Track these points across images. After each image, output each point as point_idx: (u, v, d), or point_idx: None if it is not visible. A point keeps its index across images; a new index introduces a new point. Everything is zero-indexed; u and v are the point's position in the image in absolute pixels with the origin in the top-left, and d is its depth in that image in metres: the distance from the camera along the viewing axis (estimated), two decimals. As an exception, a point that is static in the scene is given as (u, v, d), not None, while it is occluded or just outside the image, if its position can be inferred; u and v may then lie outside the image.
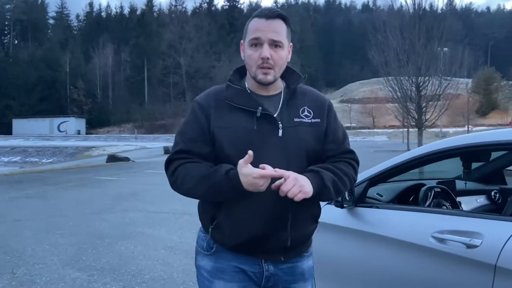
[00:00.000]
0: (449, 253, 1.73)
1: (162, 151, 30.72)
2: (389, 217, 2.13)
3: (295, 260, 1.50)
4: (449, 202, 2.43)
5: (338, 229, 2.30)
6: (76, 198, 8.99)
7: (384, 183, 2.53)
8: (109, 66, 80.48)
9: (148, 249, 4.98)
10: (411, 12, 13.48)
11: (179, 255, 4.76)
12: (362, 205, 2.27)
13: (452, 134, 47.28)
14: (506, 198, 2.87)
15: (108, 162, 20.98)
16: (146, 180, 12.43)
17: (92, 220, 6.68)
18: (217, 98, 1.44)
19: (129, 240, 5.39)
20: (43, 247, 5.10)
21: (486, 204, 2.82)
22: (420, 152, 2.17)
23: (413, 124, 13.85)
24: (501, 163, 2.93)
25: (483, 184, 2.96)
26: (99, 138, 58.36)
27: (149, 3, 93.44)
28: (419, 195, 2.34)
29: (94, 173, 15.01)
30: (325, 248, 2.26)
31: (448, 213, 2.00)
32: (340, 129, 1.55)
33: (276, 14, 1.40)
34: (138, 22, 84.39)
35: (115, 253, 4.82)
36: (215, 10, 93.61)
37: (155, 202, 8.31)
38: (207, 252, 1.49)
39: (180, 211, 7.27)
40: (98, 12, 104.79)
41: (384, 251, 2.05)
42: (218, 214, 1.42)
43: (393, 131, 48.26)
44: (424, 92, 13.14)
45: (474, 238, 1.65)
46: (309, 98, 1.51)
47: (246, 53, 1.43)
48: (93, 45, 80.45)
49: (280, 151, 1.38)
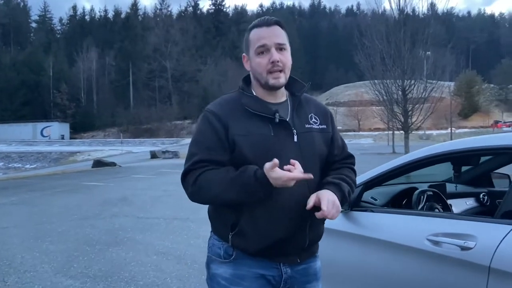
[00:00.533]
0: (444, 255, 1.78)
1: (149, 156, 30.52)
2: (384, 220, 2.19)
3: (308, 261, 1.56)
4: (440, 204, 2.51)
5: (334, 233, 2.34)
6: (64, 204, 8.88)
7: (378, 187, 2.59)
8: (93, 70, 79.65)
9: (140, 255, 4.96)
10: (396, 17, 13.71)
11: (172, 260, 4.75)
12: (358, 209, 2.32)
13: (435, 137, 48.03)
14: (494, 200, 2.96)
15: (94, 167, 20.74)
16: (134, 185, 12.34)
17: (81, 226, 6.61)
18: (232, 107, 1.48)
19: (120, 246, 5.36)
20: (33, 254, 5.04)
21: (475, 206, 2.90)
22: (413, 157, 2.24)
23: (399, 127, 14.03)
24: (489, 166, 3.02)
25: (472, 186, 3.05)
26: (83, 143, 57.64)
27: (134, 7, 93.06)
28: (413, 199, 2.40)
29: (80, 178, 14.83)
30: (322, 252, 2.30)
31: (442, 216, 2.07)
32: (339, 135, 1.66)
33: (274, 21, 1.48)
34: (122, 26, 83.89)
35: (107, 260, 4.79)
36: (200, 14, 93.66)
37: (145, 207, 8.26)
38: (225, 259, 1.50)
39: (170, 216, 7.26)
40: (81, 15, 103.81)
41: (380, 254, 2.10)
42: (239, 220, 1.44)
43: (378, 134, 48.83)
44: (410, 95, 13.36)
45: (468, 240, 1.71)
46: (313, 106, 1.59)
47: (253, 62, 1.48)
48: (77, 49, 79.61)
49: (296, 156, 1.43)
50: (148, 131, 68.16)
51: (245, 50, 1.53)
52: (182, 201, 8.88)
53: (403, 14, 13.75)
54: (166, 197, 9.49)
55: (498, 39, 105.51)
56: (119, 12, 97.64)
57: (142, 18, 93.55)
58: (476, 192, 2.99)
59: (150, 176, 15.12)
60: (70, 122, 71.43)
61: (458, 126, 53.62)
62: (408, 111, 13.39)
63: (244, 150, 1.41)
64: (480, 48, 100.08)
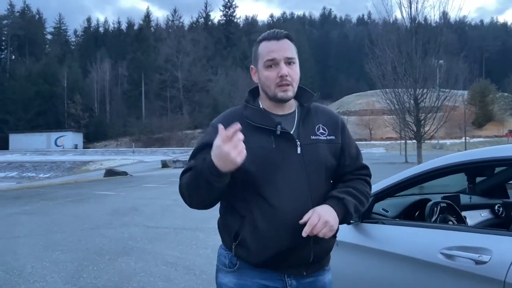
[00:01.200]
0: (458, 269, 1.72)
1: (160, 165, 30.73)
2: (396, 233, 2.13)
3: (316, 274, 1.52)
4: (454, 216, 2.43)
5: (343, 246, 2.29)
6: (75, 214, 8.93)
7: (389, 198, 2.53)
8: (106, 81, 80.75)
9: (149, 265, 4.93)
10: (407, 26, 13.64)
11: (180, 271, 4.72)
12: (368, 221, 2.27)
13: (449, 146, 47.45)
14: (509, 212, 2.88)
15: (106, 177, 20.94)
16: (145, 194, 12.38)
17: (92, 236, 6.63)
18: (235, 119, 1.45)
19: (129, 256, 5.34)
20: (43, 264, 5.05)
21: (490, 218, 2.82)
22: (426, 168, 2.18)
23: (412, 136, 13.87)
24: (504, 177, 2.94)
25: (486, 198, 2.97)
26: (96, 152, 58.27)
27: (147, 19, 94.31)
28: (425, 211, 2.34)
29: (92, 188, 14.95)
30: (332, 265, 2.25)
31: (456, 229, 2.00)
32: (354, 145, 1.61)
33: (284, 35, 1.47)
34: (135, 37, 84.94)
35: (116, 270, 4.78)
36: (211, 25, 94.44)
37: (154, 217, 8.27)
38: (229, 269, 1.50)
39: (179, 226, 7.24)
40: (95, 27, 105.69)
41: (391, 268, 2.04)
42: (242, 230, 1.43)
43: (390, 143, 48.38)
44: (422, 104, 13.23)
45: (483, 254, 1.65)
46: (323, 116, 1.56)
47: (261, 75, 1.48)
48: (91, 60, 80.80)
49: (299, 168, 1.43)
50: (159, 141, 68.58)
51: (253, 62, 1.53)
52: (191, 211, 8.76)
53: (415, 22, 13.67)
54: (175, 207, 9.49)
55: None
56: (132, 24, 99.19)
57: (154, 29, 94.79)
58: (491, 203, 2.90)
59: (160, 185, 15.18)
60: (83, 132, 72.37)
61: (472, 136, 52.89)
62: (421, 120, 13.22)
63: (244, 163, 1.37)
64: (493, 57, 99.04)
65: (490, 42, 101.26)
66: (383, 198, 2.36)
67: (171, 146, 63.03)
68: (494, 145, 2.24)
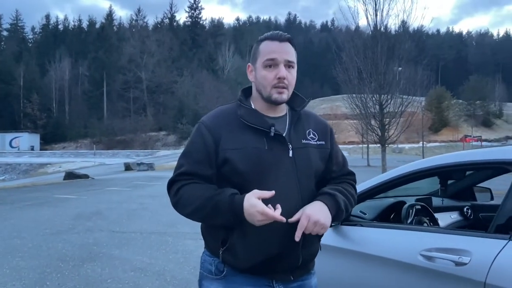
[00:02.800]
0: (438, 270, 1.77)
1: (123, 167, 29.96)
2: (376, 235, 2.17)
3: (303, 278, 1.52)
4: (428, 218, 2.51)
5: (325, 248, 2.30)
6: (34, 218, 8.53)
7: (366, 201, 2.57)
8: (66, 80, 77.98)
9: (116, 271, 4.78)
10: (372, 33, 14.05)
11: (150, 276, 4.60)
12: (347, 223, 2.30)
13: (407, 150, 49.11)
14: (477, 214, 3.00)
15: (66, 180, 20.17)
16: (109, 198, 12.02)
17: (54, 241, 6.35)
18: (227, 118, 1.46)
19: (95, 262, 5.16)
20: (3, 271, 4.78)
21: (460, 219, 2.93)
22: (404, 171, 2.24)
23: (377, 140, 14.27)
24: (472, 180, 3.07)
25: (456, 200, 3.08)
26: (54, 154, 56.10)
27: (109, 17, 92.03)
28: (402, 213, 2.40)
29: (51, 191, 14.35)
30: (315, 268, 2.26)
31: (434, 231, 2.06)
32: (340, 151, 1.64)
33: (287, 38, 1.47)
34: (97, 36, 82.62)
35: (82, 277, 4.60)
36: (177, 26, 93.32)
37: (120, 221, 8.03)
38: (216, 276, 1.46)
39: (147, 231, 7.07)
40: (55, 24, 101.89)
41: (371, 269, 2.07)
42: (230, 236, 1.40)
43: (352, 147, 49.52)
44: (387, 109, 13.65)
45: (463, 255, 1.70)
46: (313, 121, 1.57)
47: (259, 74, 1.46)
48: (49, 58, 77.92)
49: (291, 171, 1.42)
50: (122, 143, 66.95)
51: (251, 60, 1.51)
52: (159, 215, 8.70)
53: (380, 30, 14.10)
54: (142, 211, 9.27)
55: (466, 56, 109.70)
56: (93, 22, 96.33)
57: (117, 28, 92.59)
58: (460, 205, 3.02)
59: (125, 189, 14.79)
60: (40, 133, 69.50)
61: (429, 140, 55.05)
62: (385, 124, 13.65)
63: (237, 163, 1.38)
64: (449, 65, 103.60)
65: (446, 50, 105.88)
66: (363, 200, 2.40)
67: (134, 148, 61.70)
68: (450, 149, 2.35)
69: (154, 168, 28.49)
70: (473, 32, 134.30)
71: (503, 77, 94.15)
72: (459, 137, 60.53)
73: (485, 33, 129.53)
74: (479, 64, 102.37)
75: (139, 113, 74.25)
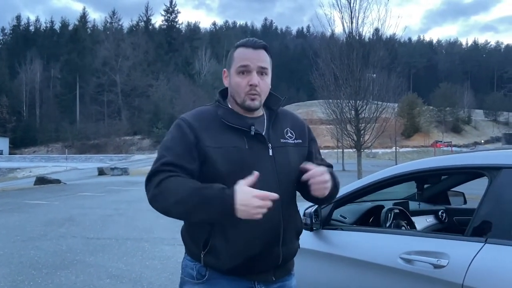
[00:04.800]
0: (417, 273, 1.81)
1: (96, 172, 29.34)
2: (356, 239, 2.20)
3: (284, 279, 1.54)
4: (405, 222, 2.57)
5: (305, 252, 2.31)
6: (4, 225, 8.24)
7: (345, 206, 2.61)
8: (37, 82, 76.06)
9: (91, 279, 4.67)
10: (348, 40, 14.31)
11: (127, 283, 4.51)
12: (328, 227, 2.33)
13: (380, 155, 50.09)
14: (451, 217, 3.09)
15: (36, 185, 19.58)
16: (82, 203, 11.73)
17: (25, 248, 6.15)
18: (207, 118, 1.46)
19: (69, 270, 5.02)
20: (-30, 281, 4.60)
21: (435, 223, 3.01)
22: (383, 176, 2.28)
23: (352, 145, 14.51)
24: (447, 184, 3.16)
25: (431, 204, 3.16)
26: (24, 158, 54.46)
27: (82, 19, 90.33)
28: (381, 217, 2.44)
29: (22, 196, 13.90)
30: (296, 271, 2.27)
31: (412, 234, 2.11)
32: (318, 150, 1.68)
33: (262, 45, 1.48)
34: (70, 38, 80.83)
35: (55, 285, 4.47)
36: (152, 29, 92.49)
37: (94, 228, 7.85)
38: (198, 280, 1.45)
39: (122, 237, 6.94)
40: (25, 26, 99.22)
41: (352, 273, 2.10)
42: (212, 238, 1.40)
43: (328, 152, 50.05)
44: (362, 115, 13.91)
45: (441, 258, 1.75)
46: (290, 120, 1.59)
47: (233, 80, 1.47)
48: (20, 60, 75.71)
49: (271, 170, 1.43)
50: (95, 147, 65.64)
51: (227, 66, 1.52)
52: (135, 220, 8.56)
53: (352, 37, 14.38)
54: (117, 216, 9.09)
55: (436, 64, 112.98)
56: (66, 24, 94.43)
57: (91, 31, 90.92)
58: (434, 209, 3.10)
59: (98, 194, 14.48)
60: (9, 136, 67.33)
61: (401, 145, 56.32)
62: (361, 130, 13.91)
63: (217, 162, 1.38)
64: (420, 73, 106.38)
65: (417, 58, 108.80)
66: (343, 205, 2.44)
67: (108, 152, 60.51)
68: (422, 154, 2.42)
69: (128, 172, 28.02)
70: (443, 41, 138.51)
71: (471, 84, 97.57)
72: (430, 143, 62.26)
73: (454, 42, 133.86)
74: (449, 72, 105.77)
75: (113, 117, 73.05)
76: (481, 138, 73.70)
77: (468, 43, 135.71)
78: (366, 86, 13.76)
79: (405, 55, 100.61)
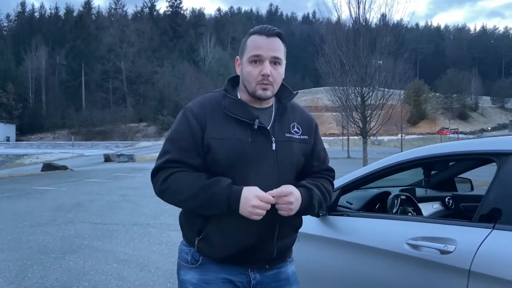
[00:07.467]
0: (424, 259, 1.81)
1: (102, 159, 29.54)
2: (362, 225, 2.20)
3: (279, 266, 1.53)
4: (412, 208, 2.57)
5: (311, 238, 2.34)
6: (13, 210, 8.35)
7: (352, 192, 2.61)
8: (42, 69, 76.17)
9: (99, 263, 4.74)
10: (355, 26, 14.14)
11: (134, 268, 4.57)
12: (334, 213, 2.33)
13: (386, 142, 49.93)
14: (458, 204, 3.08)
15: (43, 171, 19.77)
16: (89, 189, 11.84)
17: (34, 233, 6.24)
18: (212, 107, 1.44)
19: (77, 254, 5.09)
20: (-19, 265, 4.68)
21: (441, 209, 3.00)
22: (390, 162, 2.27)
23: (358, 132, 14.45)
24: (453, 171, 3.14)
25: (437, 191, 3.16)
26: (31, 145, 54.85)
27: (87, 5, 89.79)
28: (388, 203, 2.44)
29: (29, 183, 14.06)
30: (299, 257, 2.29)
31: (419, 220, 2.11)
32: (323, 147, 1.63)
33: (276, 33, 1.43)
34: (75, 24, 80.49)
35: (64, 269, 4.54)
36: (157, 15, 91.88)
37: (102, 213, 7.94)
38: (192, 265, 1.47)
39: (129, 222, 7.01)
40: (30, 12, 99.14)
41: (359, 259, 2.11)
42: (206, 226, 1.41)
43: (333, 139, 50.02)
44: (368, 102, 13.82)
45: (448, 244, 1.75)
46: (298, 115, 1.56)
47: (244, 69, 1.44)
48: (25, 47, 75.73)
49: (272, 164, 1.42)
50: (101, 134, 65.93)
51: (239, 53, 1.49)
52: (141, 206, 8.63)
53: (357, 24, 14.21)
54: (124, 202, 9.18)
55: (444, 50, 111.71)
56: (71, 10, 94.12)
57: (95, 17, 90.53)
58: (441, 196, 3.09)
59: (105, 180, 14.59)
60: (16, 123, 67.79)
61: (407, 133, 56.07)
62: (367, 117, 13.82)
63: (219, 154, 1.38)
64: (427, 59, 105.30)
65: (425, 44, 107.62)
66: (350, 191, 2.44)
67: (114, 139, 60.80)
68: (428, 141, 2.41)
69: (134, 159, 28.18)
70: (451, 27, 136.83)
71: (479, 71, 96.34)
72: (436, 130, 61.85)
73: (462, 28, 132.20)
74: (456, 58, 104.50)
75: (119, 104, 73.12)
76: (488, 125, 73.13)
77: (476, 29, 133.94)
78: (372, 73, 13.63)
79: (412, 41, 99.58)
